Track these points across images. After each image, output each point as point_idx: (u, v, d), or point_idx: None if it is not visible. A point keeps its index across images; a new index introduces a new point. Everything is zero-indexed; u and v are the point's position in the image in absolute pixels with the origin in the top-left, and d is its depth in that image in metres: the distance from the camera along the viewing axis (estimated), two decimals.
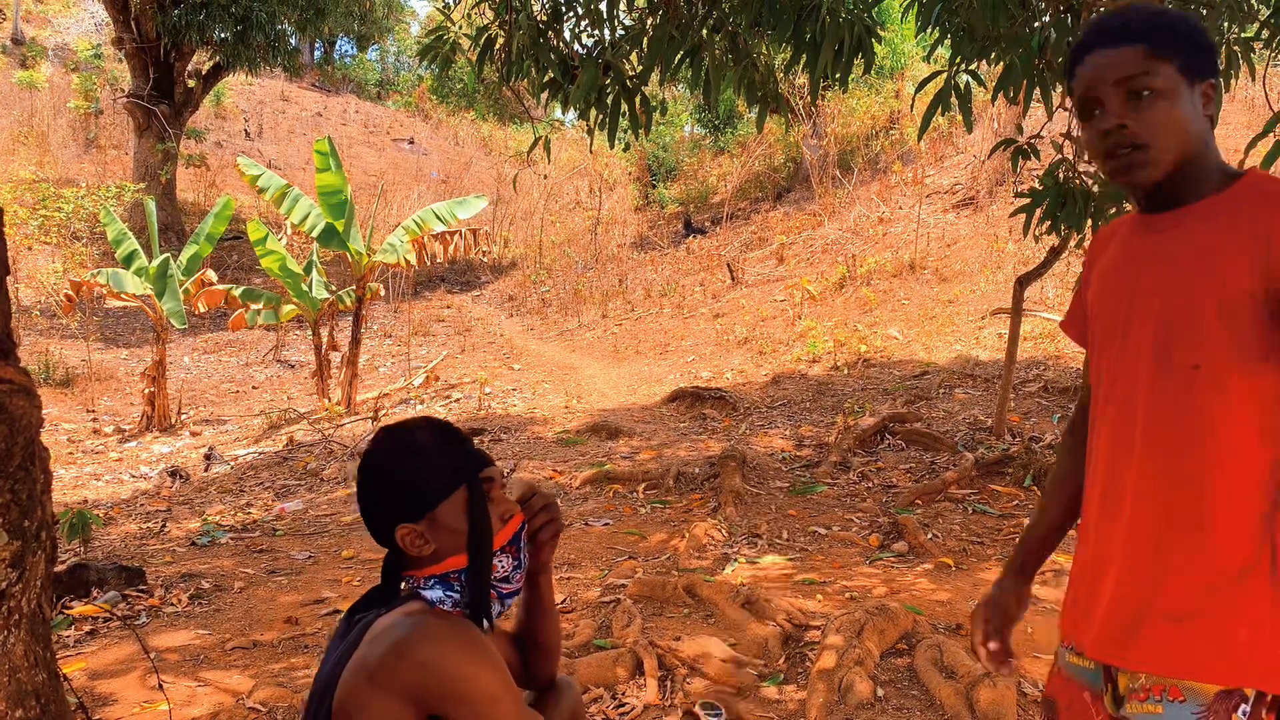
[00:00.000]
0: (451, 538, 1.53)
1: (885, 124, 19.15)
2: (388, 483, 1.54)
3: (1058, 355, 8.50)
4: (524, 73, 5.71)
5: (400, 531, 1.52)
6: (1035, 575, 1.74)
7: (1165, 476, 1.42)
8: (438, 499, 1.52)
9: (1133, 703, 1.42)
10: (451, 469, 1.54)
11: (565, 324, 15.90)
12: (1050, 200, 5.44)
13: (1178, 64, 1.39)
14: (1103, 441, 1.52)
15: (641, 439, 7.93)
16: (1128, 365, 1.47)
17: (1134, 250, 1.51)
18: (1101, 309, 1.56)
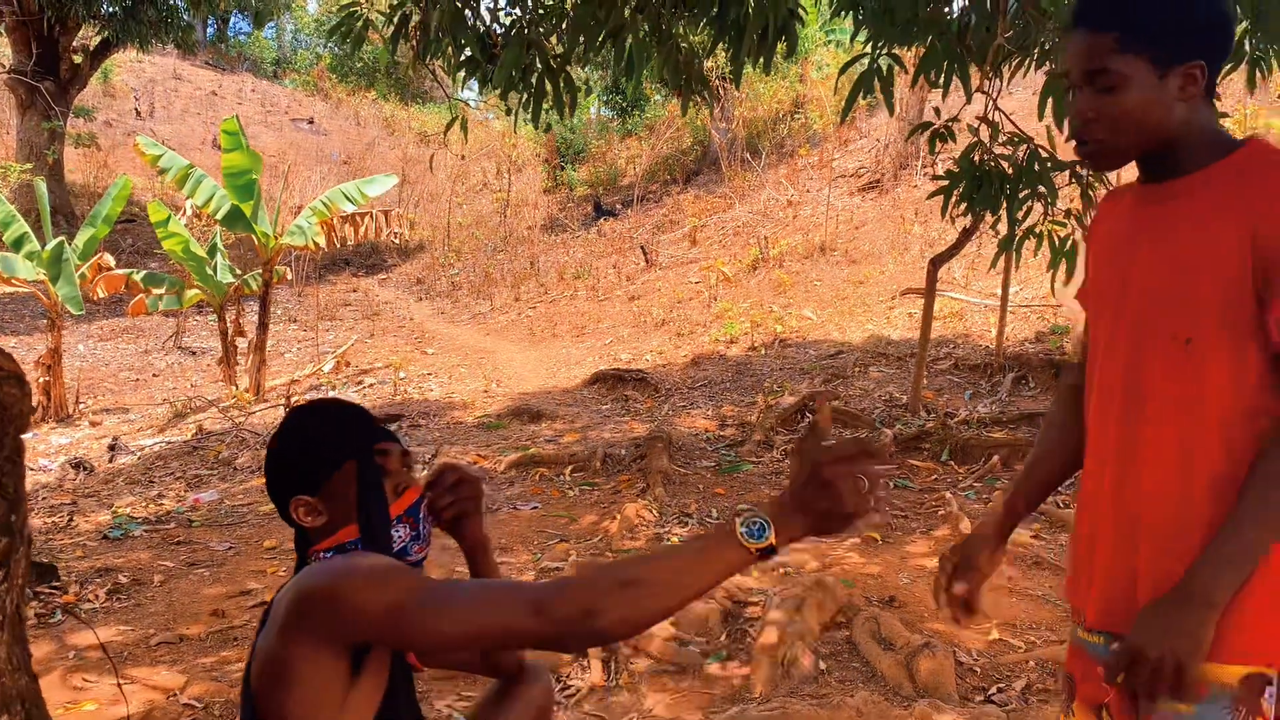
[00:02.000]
0: (343, 508, 1.56)
1: (791, 108, 19.38)
2: (282, 458, 1.59)
3: (966, 334, 8.76)
4: (440, 51, 5.61)
5: (294, 504, 1.56)
6: (1011, 531, 1.73)
7: (1156, 453, 1.44)
8: (329, 470, 1.55)
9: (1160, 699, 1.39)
10: (342, 441, 1.58)
11: (477, 307, 15.72)
12: (967, 183, 5.58)
13: (1150, 54, 1.38)
14: (1097, 411, 1.54)
15: (565, 422, 7.91)
16: (1122, 335, 1.49)
17: (1135, 219, 1.52)
18: (1098, 278, 1.58)
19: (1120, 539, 1.48)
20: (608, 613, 1.24)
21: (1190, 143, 1.43)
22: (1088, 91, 1.42)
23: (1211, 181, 1.41)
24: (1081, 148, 1.48)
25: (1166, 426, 1.43)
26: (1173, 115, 1.41)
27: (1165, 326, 1.42)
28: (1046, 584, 4.33)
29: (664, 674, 3.60)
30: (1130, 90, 1.39)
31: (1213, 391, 1.39)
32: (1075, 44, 1.44)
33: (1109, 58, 1.39)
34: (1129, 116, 1.40)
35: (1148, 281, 1.45)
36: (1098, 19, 1.40)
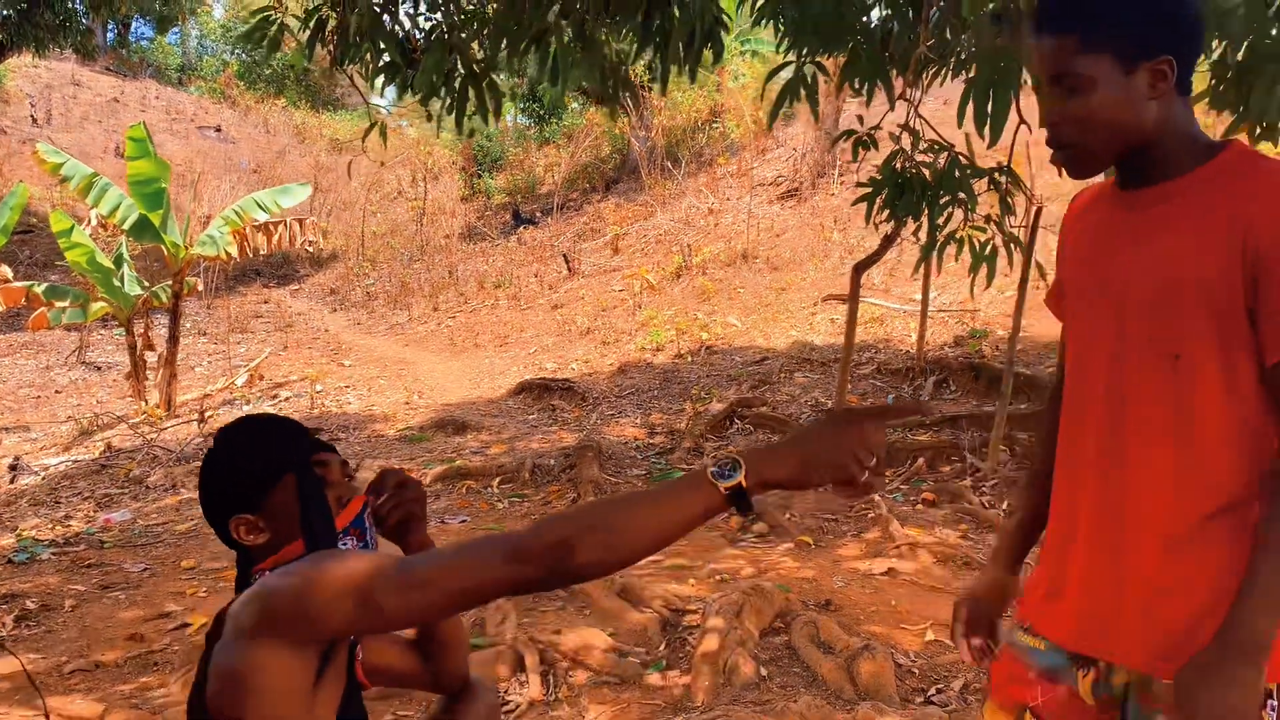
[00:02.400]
0: (286, 524, 1.52)
1: (708, 117, 19.52)
2: (217, 477, 1.54)
3: (887, 339, 8.90)
4: (359, 56, 5.50)
5: (234, 523, 1.51)
6: (1020, 567, 1.69)
7: (1140, 471, 1.40)
8: (268, 486, 1.52)
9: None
10: (278, 455, 1.54)
11: (394, 317, 15.47)
12: (889, 190, 5.66)
13: (1113, 51, 1.34)
14: (1079, 425, 1.49)
15: (491, 433, 7.81)
16: (1102, 347, 1.45)
17: (1111, 226, 1.48)
18: (1076, 285, 1.53)
19: (1102, 560, 1.45)
20: (583, 549, 1.20)
21: (1168, 145, 1.39)
22: (1056, 95, 1.38)
23: (1195, 188, 1.37)
24: (1057, 154, 1.43)
25: (1157, 447, 1.39)
26: (1145, 115, 1.36)
27: (1151, 342, 1.38)
28: None
29: (604, 686, 3.55)
30: (1096, 91, 1.35)
31: (1205, 409, 1.35)
32: (1039, 50, 1.40)
33: (1072, 60, 1.35)
34: (1098, 118, 1.36)
35: (1131, 293, 1.41)
36: (1058, 22, 1.37)
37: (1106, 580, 1.43)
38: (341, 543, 1.57)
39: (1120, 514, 1.42)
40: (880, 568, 4.57)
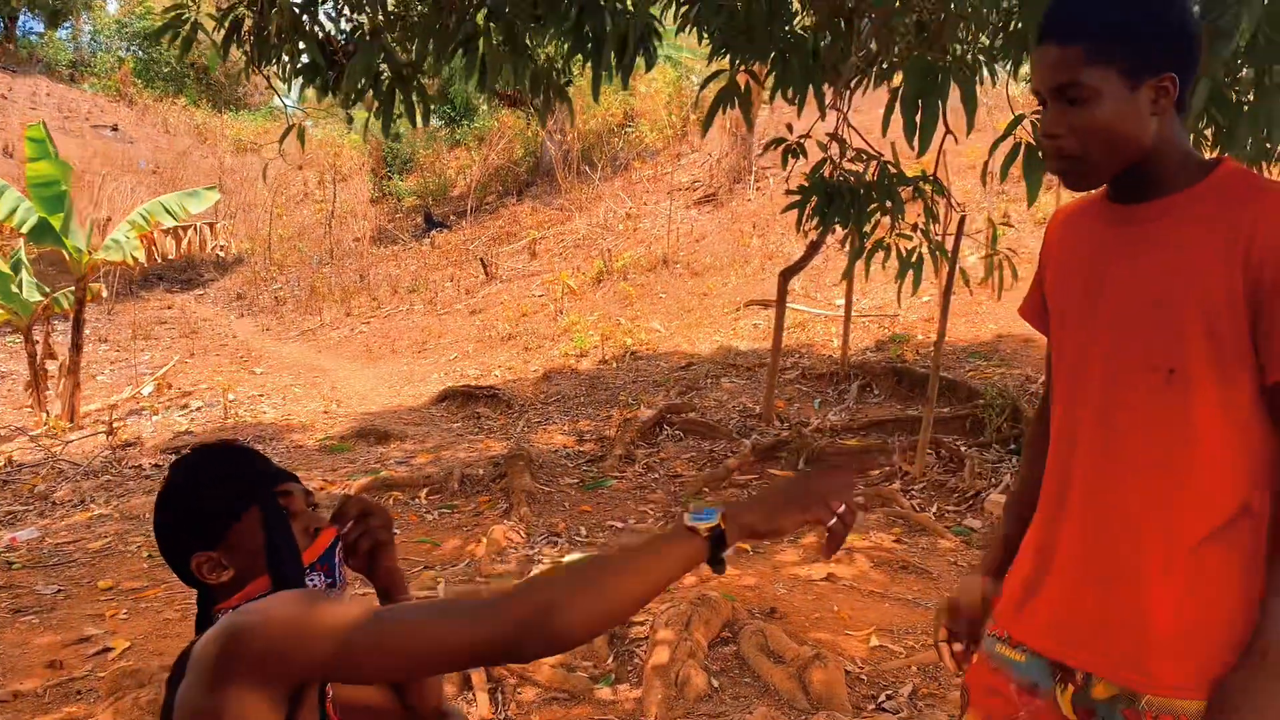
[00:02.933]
0: (250, 560, 1.45)
1: (622, 121, 19.52)
2: (175, 513, 1.47)
3: (809, 344, 9.00)
4: (276, 56, 5.35)
5: (195, 561, 1.44)
6: (1003, 578, 1.67)
7: (1139, 483, 1.41)
8: (231, 520, 1.45)
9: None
10: (240, 487, 1.47)
11: (305, 323, 15.08)
12: (819, 197, 5.73)
13: (1119, 66, 1.34)
14: (1066, 440, 1.50)
15: (415, 442, 7.65)
16: (1094, 363, 1.45)
17: (1101, 239, 1.48)
18: (1063, 298, 1.53)
19: (1091, 571, 1.45)
20: (569, 610, 1.17)
21: (1165, 161, 1.40)
22: (1057, 106, 1.38)
23: (1191, 205, 1.38)
24: (1054, 164, 1.43)
25: (1151, 464, 1.39)
26: (1146, 130, 1.37)
27: (1145, 357, 1.38)
28: (915, 588, 4.46)
29: (554, 702, 3.50)
30: (1101, 103, 1.34)
31: (1202, 427, 1.35)
32: (1043, 58, 1.38)
33: (1078, 70, 1.34)
34: (1101, 130, 1.36)
35: (1124, 309, 1.41)
36: (1065, 31, 1.36)
37: (1095, 591, 1.43)
38: (309, 579, 1.50)
39: (1113, 529, 1.42)
40: (820, 573, 4.60)
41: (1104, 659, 1.42)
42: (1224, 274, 1.31)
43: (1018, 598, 1.56)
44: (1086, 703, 1.44)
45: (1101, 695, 1.43)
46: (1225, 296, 1.31)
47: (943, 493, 5.71)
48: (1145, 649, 1.38)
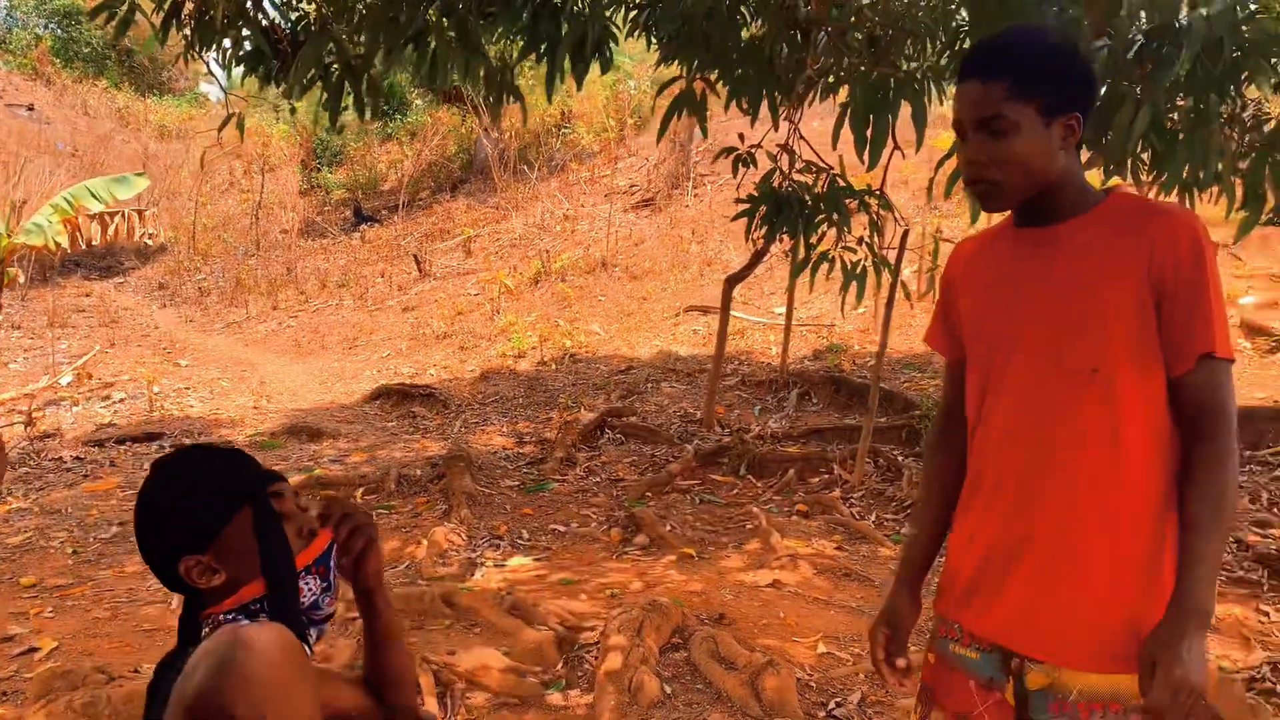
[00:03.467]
0: (244, 562, 1.42)
1: (558, 122, 19.45)
2: (161, 517, 1.42)
3: (749, 351, 9.06)
4: (218, 42, 5.23)
5: (184, 565, 1.40)
6: (921, 588, 1.82)
7: (1073, 474, 1.53)
8: (220, 523, 1.40)
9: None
10: (230, 488, 1.43)
11: (231, 316, 14.71)
12: (768, 207, 5.78)
13: (1038, 104, 1.50)
14: (999, 440, 1.62)
15: (348, 440, 7.52)
16: (1023, 368, 1.58)
17: (1013, 261, 1.63)
18: (988, 319, 1.65)
19: (1043, 561, 1.56)
20: None
21: (1068, 189, 1.57)
22: (980, 136, 1.53)
23: (1097, 225, 1.55)
24: (974, 188, 1.58)
25: (1087, 456, 1.53)
26: (1056, 161, 1.54)
27: (1070, 360, 1.54)
28: (858, 595, 4.51)
29: (504, 707, 3.46)
30: (1021, 135, 1.51)
31: (1126, 418, 1.51)
32: (967, 93, 1.54)
33: (1001, 105, 1.50)
34: (1020, 159, 1.52)
35: (1049, 318, 1.56)
36: (990, 70, 1.52)
37: (1037, 579, 1.56)
38: (304, 582, 1.47)
39: (1050, 519, 1.55)
40: (765, 580, 4.63)
41: (1045, 641, 1.56)
42: (1135, 283, 1.49)
43: (962, 597, 1.67)
44: (1022, 692, 1.58)
45: (1034, 685, 1.56)
46: (1137, 302, 1.49)
47: (881, 501, 5.80)
48: (1086, 629, 1.53)
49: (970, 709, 1.65)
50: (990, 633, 1.63)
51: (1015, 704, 1.60)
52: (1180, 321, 1.48)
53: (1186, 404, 1.50)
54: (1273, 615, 4.02)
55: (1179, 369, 1.49)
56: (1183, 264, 1.47)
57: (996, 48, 1.55)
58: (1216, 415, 1.48)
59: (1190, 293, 1.47)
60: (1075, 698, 1.53)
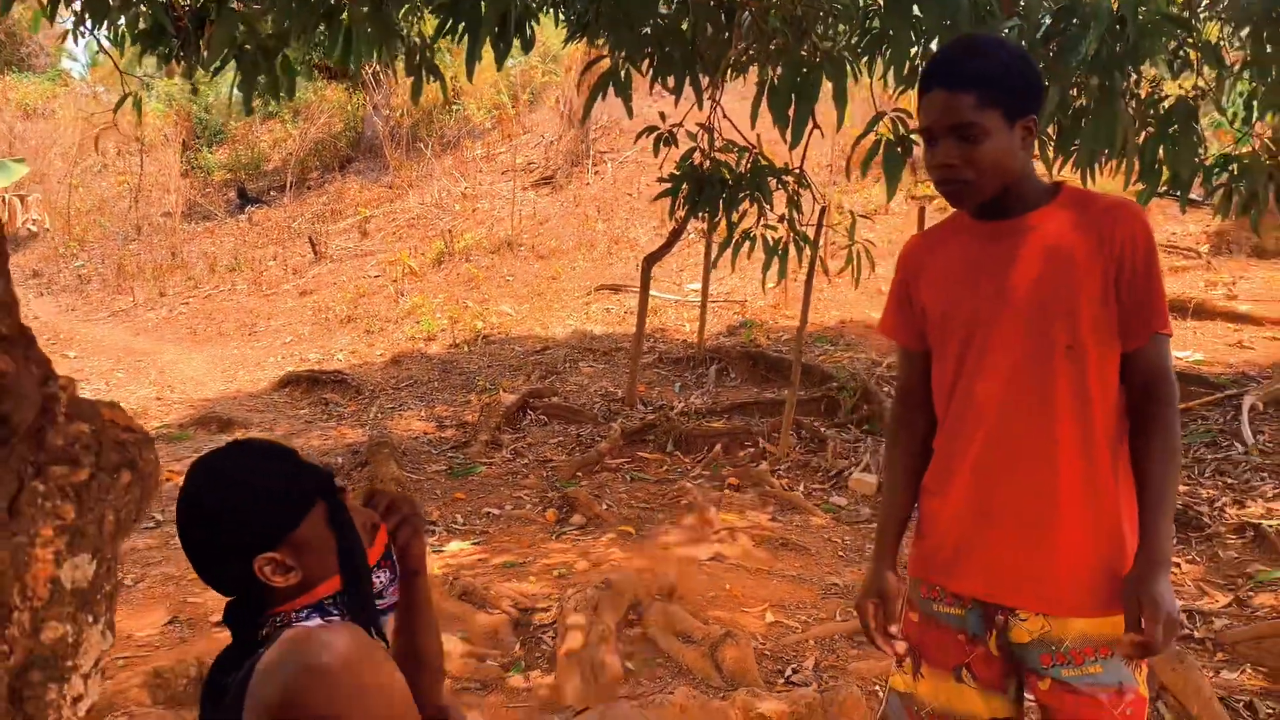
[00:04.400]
0: (319, 559, 1.36)
1: (451, 99, 19.13)
2: (231, 517, 1.33)
3: (663, 328, 9.14)
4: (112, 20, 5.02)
5: (259, 563, 1.33)
6: (897, 560, 1.95)
7: (1055, 440, 1.68)
8: (297, 517, 1.34)
9: (1069, 667, 1.68)
10: (302, 485, 1.37)
11: (116, 303, 14.08)
12: (690, 186, 5.84)
13: (1002, 110, 1.64)
14: (981, 414, 1.75)
15: (261, 429, 7.32)
16: (1000, 347, 1.72)
17: (982, 253, 1.77)
18: (960, 306, 1.78)
19: (1030, 522, 1.71)
20: None
21: (1026, 185, 1.73)
22: (950, 142, 1.66)
23: (1056, 216, 1.71)
24: (947, 187, 1.72)
25: (1062, 425, 1.68)
26: (1017, 161, 1.69)
27: (1048, 337, 1.68)
28: (797, 564, 4.64)
29: (467, 691, 3.46)
30: (991, 139, 1.64)
31: (1092, 390, 1.68)
32: (936, 102, 1.67)
33: (971, 113, 1.63)
34: (990, 160, 1.65)
35: (1025, 301, 1.70)
36: (958, 81, 1.65)
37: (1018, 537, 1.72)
38: (375, 577, 1.44)
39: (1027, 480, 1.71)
40: (706, 554, 4.72)
41: (1034, 595, 1.70)
42: (1100, 267, 1.66)
43: (945, 564, 1.81)
44: (1007, 645, 1.74)
45: (1022, 639, 1.72)
46: (1101, 287, 1.66)
47: (807, 472, 5.96)
48: (1071, 580, 1.69)
49: (960, 660, 1.80)
50: (975, 591, 1.77)
51: (999, 654, 1.76)
52: (1137, 304, 1.66)
53: (1139, 374, 1.69)
54: (1184, 567, 4.30)
55: (1134, 344, 1.67)
56: (1139, 254, 1.65)
57: (962, 59, 1.68)
58: (1165, 382, 1.68)
59: (1144, 279, 1.65)
60: (1069, 645, 1.68)
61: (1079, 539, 1.68)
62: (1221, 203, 4.50)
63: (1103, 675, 1.66)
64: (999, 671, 1.78)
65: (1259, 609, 3.83)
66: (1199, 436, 5.72)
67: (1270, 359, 6.97)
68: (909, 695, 1.88)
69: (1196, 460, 5.44)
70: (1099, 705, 1.66)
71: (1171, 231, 9.59)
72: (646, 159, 12.48)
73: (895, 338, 1.97)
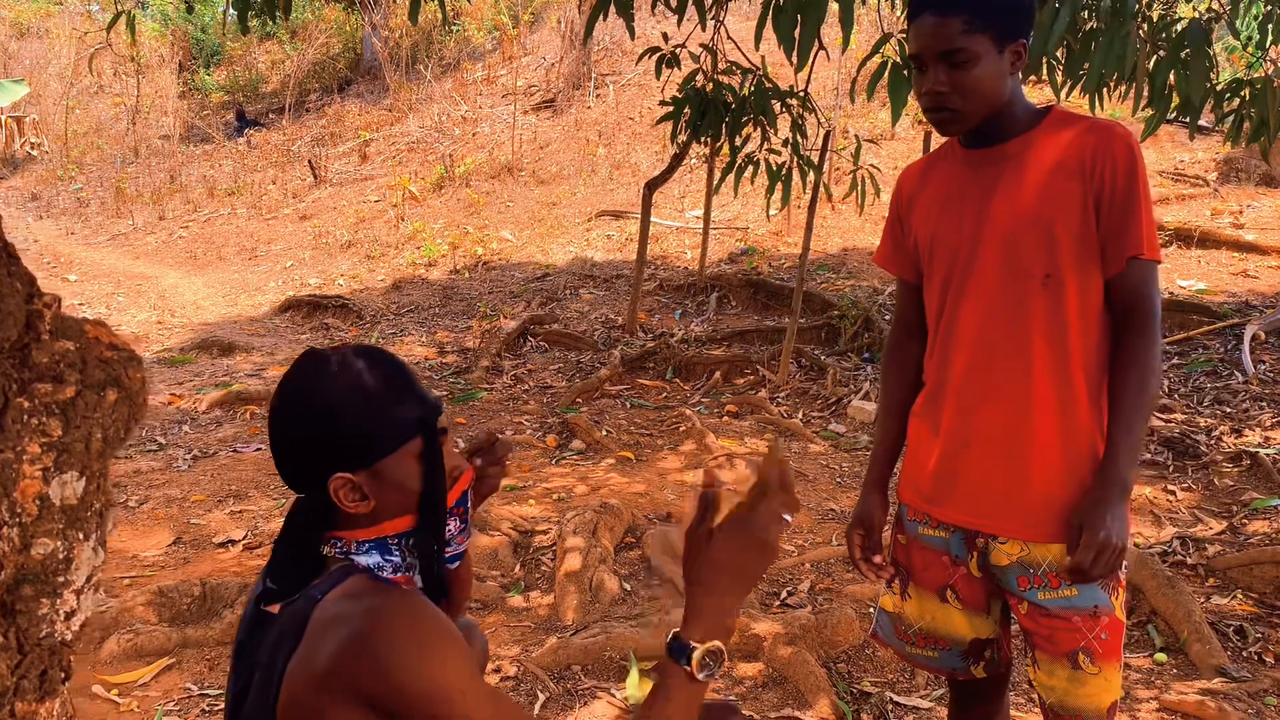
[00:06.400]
0: (397, 496, 1.28)
1: (449, 19, 18.77)
2: (328, 422, 1.24)
3: (664, 255, 9.09)
4: None
5: (335, 483, 1.25)
6: (887, 488, 1.98)
7: (1030, 369, 1.68)
8: (389, 448, 1.25)
9: (1045, 590, 1.70)
10: (408, 414, 1.27)
11: (116, 227, 14.02)
12: (693, 109, 5.75)
13: (992, 34, 1.60)
14: (961, 342, 1.76)
15: (263, 354, 7.33)
16: (982, 273, 1.71)
17: (966, 178, 1.75)
18: (945, 233, 1.77)
19: (1007, 450, 1.72)
20: None
21: (1014, 110, 1.69)
22: (941, 68, 1.63)
23: (1041, 141, 1.68)
24: (934, 115, 1.68)
25: (1040, 353, 1.67)
26: (1006, 86, 1.65)
27: (1025, 266, 1.67)
28: (794, 489, 4.68)
29: (468, 611, 3.51)
30: (980, 64, 1.61)
31: (1072, 317, 1.66)
32: (925, 27, 1.63)
33: (960, 38, 1.60)
34: (979, 87, 1.62)
35: (1006, 228, 1.68)
36: (946, 6, 1.61)
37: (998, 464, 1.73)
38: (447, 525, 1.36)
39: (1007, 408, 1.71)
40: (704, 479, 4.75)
41: (1012, 521, 1.72)
42: (1080, 192, 1.63)
43: (932, 484, 1.83)
44: (987, 567, 1.77)
45: (1001, 561, 1.74)
46: (1080, 212, 1.63)
47: (806, 399, 5.97)
48: (1047, 507, 1.69)
49: (945, 581, 1.84)
50: (957, 519, 1.79)
51: (980, 575, 1.79)
52: (1114, 227, 1.62)
53: (1118, 301, 1.67)
54: (1179, 494, 4.33)
55: (1112, 270, 1.65)
56: (1119, 176, 1.61)
57: None
58: (1143, 310, 1.65)
59: (1123, 201, 1.61)
60: (1045, 569, 1.70)
61: (1053, 465, 1.68)
62: (1231, 129, 4.43)
63: (1076, 599, 1.67)
64: (981, 592, 1.81)
65: (1252, 535, 3.86)
66: (1199, 365, 5.71)
67: (1274, 288, 6.94)
68: (897, 615, 1.93)
69: (1196, 389, 5.44)
70: (1074, 628, 1.68)
71: (1179, 159, 9.48)
72: (649, 81, 12.29)
73: (889, 268, 1.97)
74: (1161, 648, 3.10)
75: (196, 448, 5.34)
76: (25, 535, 0.89)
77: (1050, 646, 1.70)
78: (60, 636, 0.93)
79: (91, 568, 0.96)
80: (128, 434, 0.96)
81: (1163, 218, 7.92)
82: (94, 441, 0.93)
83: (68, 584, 0.93)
